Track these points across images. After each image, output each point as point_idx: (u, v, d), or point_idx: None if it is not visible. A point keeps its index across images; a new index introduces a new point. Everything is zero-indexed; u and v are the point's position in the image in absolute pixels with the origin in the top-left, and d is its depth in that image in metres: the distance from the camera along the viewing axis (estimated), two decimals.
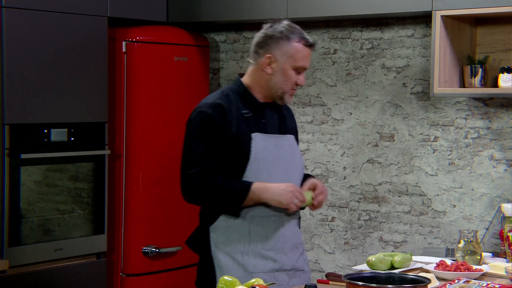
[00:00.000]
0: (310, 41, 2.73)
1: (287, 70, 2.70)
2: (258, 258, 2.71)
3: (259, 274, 2.68)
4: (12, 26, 3.52)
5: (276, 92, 2.73)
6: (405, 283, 2.23)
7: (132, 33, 4.10)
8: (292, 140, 2.82)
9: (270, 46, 2.70)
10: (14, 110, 3.54)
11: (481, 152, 3.70)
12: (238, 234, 2.71)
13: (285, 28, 2.71)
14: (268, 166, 2.71)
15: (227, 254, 2.72)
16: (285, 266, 2.75)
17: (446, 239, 3.79)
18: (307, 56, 2.73)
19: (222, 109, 2.67)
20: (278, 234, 2.73)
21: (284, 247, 2.75)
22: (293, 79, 2.71)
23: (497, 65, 3.54)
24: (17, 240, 3.56)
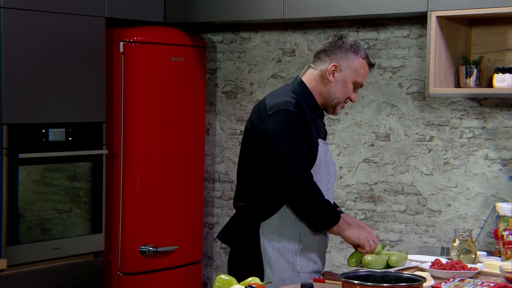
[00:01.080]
0: (372, 62, 2.82)
1: (348, 82, 2.77)
2: (305, 258, 2.77)
3: (304, 274, 2.76)
4: (11, 26, 3.51)
5: (332, 101, 2.78)
6: (401, 282, 2.23)
7: (129, 33, 4.09)
8: (330, 149, 2.93)
9: (337, 56, 2.76)
10: (12, 110, 3.53)
11: (476, 151, 3.71)
12: (290, 233, 2.75)
13: (354, 42, 2.79)
14: (322, 172, 2.78)
15: (277, 251, 2.74)
16: (321, 268, 2.85)
17: (441, 238, 3.79)
18: (367, 75, 2.81)
19: (304, 110, 2.70)
20: (323, 237, 2.82)
21: (322, 249, 2.85)
22: (349, 92, 2.78)
23: (491, 66, 3.55)
24: (15, 239, 3.56)
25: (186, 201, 4.30)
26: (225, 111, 4.49)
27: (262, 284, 2.36)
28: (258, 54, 4.37)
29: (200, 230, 4.34)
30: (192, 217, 4.33)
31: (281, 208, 2.75)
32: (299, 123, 2.66)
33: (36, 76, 3.64)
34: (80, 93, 3.82)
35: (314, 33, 4.18)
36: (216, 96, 4.53)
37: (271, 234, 2.74)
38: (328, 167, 2.83)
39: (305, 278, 2.73)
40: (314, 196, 2.66)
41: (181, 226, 4.28)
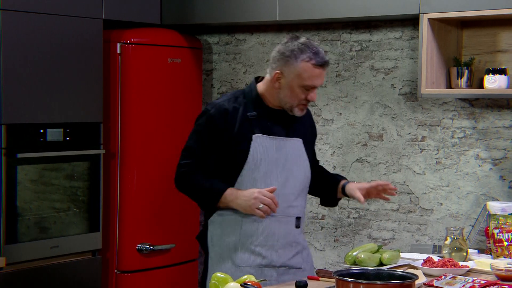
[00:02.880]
0: (321, 61, 2.71)
1: (294, 88, 2.72)
2: (247, 252, 2.74)
3: (246, 268, 2.72)
4: (9, 28, 3.51)
5: (284, 105, 2.77)
6: (393, 279, 2.23)
7: (126, 35, 4.09)
8: (298, 144, 2.83)
9: (280, 63, 2.73)
10: (11, 110, 3.53)
11: (467, 151, 3.71)
12: (231, 228, 2.76)
13: (296, 47, 2.71)
14: (265, 167, 2.75)
15: (219, 246, 2.78)
16: (274, 262, 2.77)
17: (433, 236, 3.80)
18: (317, 76, 2.71)
19: (226, 110, 2.75)
20: (269, 231, 2.76)
21: (274, 244, 2.77)
22: (300, 96, 2.74)
23: (482, 67, 3.56)
24: (14, 237, 3.55)
25: (182, 200, 4.29)
26: None
27: (257, 282, 2.36)
28: (253, 55, 4.37)
29: (196, 229, 4.34)
30: (188, 215, 4.33)
31: None
32: (208, 125, 2.75)
33: (35, 76, 3.63)
34: (78, 94, 3.82)
35: (308, 35, 4.18)
36: (212, 96, 4.53)
37: (216, 229, 2.79)
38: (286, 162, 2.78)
39: (248, 272, 2.69)
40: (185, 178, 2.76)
41: (177, 225, 4.27)
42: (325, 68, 2.74)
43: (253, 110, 2.77)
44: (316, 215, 4.16)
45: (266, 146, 2.75)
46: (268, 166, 2.75)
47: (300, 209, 2.85)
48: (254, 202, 2.69)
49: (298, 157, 2.83)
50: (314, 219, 4.16)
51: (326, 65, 2.74)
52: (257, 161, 2.74)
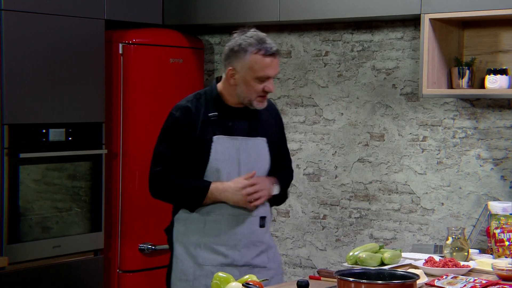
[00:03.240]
0: (270, 51, 2.70)
1: (249, 81, 2.71)
2: (209, 251, 2.76)
3: (208, 267, 2.75)
4: (11, 28, 3.51)
5: (243, 100, 2.76)
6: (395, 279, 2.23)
7: (128, 35, 4.09)
8: (261, 143, 2.82)
9: (231, 59, 2.73)
10: (13, 110, 3.53)
11: (468, 151, 3.71)
12: (195, 226, 2.78)
13: (243, 40, 2.71)
14: (227, 168, 2.75)
15: (183, 244, 2.80)
16: (236, 262, 2.77)
17: (435, 236, 3.79)
18: (268, 66, 2.71)
19: (189, 112, 2.75)
20: (231, 231, 2.77)
21: (237, 244, 2.77)
22: (257, 88, 2.72)
23: (483, 67, 3.55)
24: (16, 237, 3.55)
25: None
26: None
27: (259, 282, 2.36)
28: None
29: None
30: None
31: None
32: (173, 127, 2.77)
33: (37, 77, 3.63)
34: (80, 94, 3.82)
35: (310, 35, 4.18)
36: None
37: (180, 227, 2.82)
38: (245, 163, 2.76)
39: (210, 270, 2.71)
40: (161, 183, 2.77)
41: None
42: (276, 57, 2.73)
43: (214, 110, 2.77)
44: (318, 215, 4.16)
45: (227, 147, 2.75)
46: (230, 167, 2.76)
47: (264, 209, 2.84)
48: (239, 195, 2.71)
49: (260, 156, 2.82)
50: (316, 219, 4.16)
51: (276, 54, 2.73)
52: (218, 163, 2.74)
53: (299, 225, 4.21)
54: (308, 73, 4.19)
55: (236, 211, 2.77)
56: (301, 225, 4.21)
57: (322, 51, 4.14)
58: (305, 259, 4.19)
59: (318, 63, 4.16)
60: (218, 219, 2.76)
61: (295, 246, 4.23)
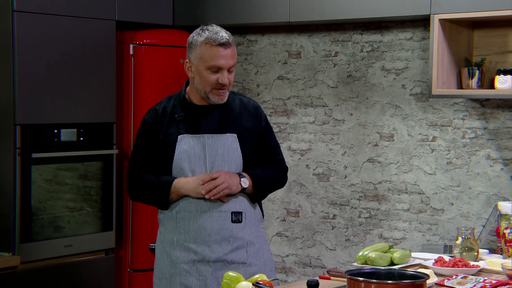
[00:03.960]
0: (219, 40, 2.70)
1: (202, 72, 2.73)
2: (181, 249, 2.78)
3: (181, 264, 2.77)
4: (23, 29, 3.53)
5: (200, 93, 2.78)
6: (405, 279, 2.22)
7: (139, 36, 4.10)
8: (230, 139, 2.79)
9: (188, 52, 2.78)
10: (25, 111, 3.55)
11: (478, 151, 3.70)
12: (170, 226, 2.81)
13: (196, 33, 2.75)
14: (192, 166, 2.76)
15: (161, 243, 2.85)
16: (207, 257, 2.76)
17: (444, 236, 3.79)
18: (217, 55, 2.70)
19: (156, 114, 2.82)
20: (200, 227, 2.76)
21: (206, 239, 2.76)
22: (210, 79, 2.72)
23: (493, 67, 3.54)
24: (28, 236, 3.57)
25: None
26: None
27: (268, 281, 2.36)
28: (265, 56, 4.38)
29: None
30: None
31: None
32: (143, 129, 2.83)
33: (49, 77, 3.65)
34: (91, 94, 3.83)
35: (319, 36, 4.18)
36: None
37: (161, 228, 2.87)
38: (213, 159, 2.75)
39: (183, 268, 2.75)
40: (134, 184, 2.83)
41: None
42: (227, 48, 2.71)
43: (181, 111, 2.80)
44: (327, 214, 4.16)
45: (191, 145, 2.76)
46: (195, 165, 2.76)
47: (236, 204, 2.79)
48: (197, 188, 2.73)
49: (230, 153, 2.79)
50: (325, 218, 4.16)
51: (227, 45, 2.71)
52: (182, 161, 2.76)
53: (309, 225, 4.21)
54: (318, 73, 4.19)
55: (204, 207, 2.76)
56: (311, 225, 4.21)
57: (332, 52, 4.14)
58: (314, 258, 4.19)
59: (328, 63, 4.16)
60: (187, 216, 2.77)
61: (305, 246, 4.23)
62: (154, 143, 2.80)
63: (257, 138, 2.88)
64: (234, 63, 2.75)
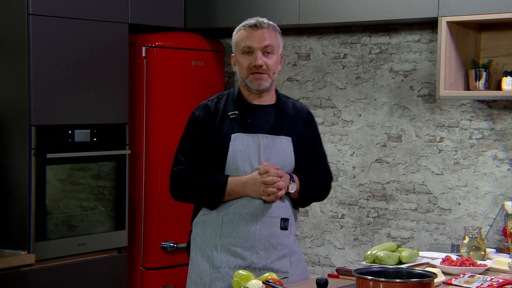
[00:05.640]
0: (248, 24, 2.69)
1: (238, 58, 2.68)
2: (226, 253, 2.63)
3: (225, 269, 2.61)
4: (38, 32, 3.55)
5: (242, 83, 2.69)
6: (413, 278, 2.22)
7: (151, 39, 4.12)
8: (285, 142, 2.68)
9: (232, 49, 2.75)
10: (40, 112, 3.57)
11: (485, 152, 3.69)
12: (212, 228, 2.65)
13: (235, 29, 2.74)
14: (247, 165, 2.63)
15: (199, 247, 2.68)
16: (254, 264, 2.62)
17: (452, 235, 3.78)
18: (247, 36, 2.66)
19: (208, 110, 2.69)
20: (249, 232, 2.62)
21: (254, 245, 2.62)
22: (244, 63, 2.65)
23: (500, 69, 3.53)
24: (43, 235, 3.59)
25: None
26: None
27: (278, 279, 2.36)
28: None
29: None
30: None
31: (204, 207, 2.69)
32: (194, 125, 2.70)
33: (63, 79, 3.67)
34: (105, 96, 3.85)
35: (328, 38, 4.18)
36: None
37: (198, 231, 2.70)
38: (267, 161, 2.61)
39: (226, 272, 2.60)
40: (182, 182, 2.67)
41: None
42: (257, 29, 2.66)
43: (234, 108, 2.68)
44: (336, 214, 4.16)
45: (246, 144, 2.63)
46: (249, 165, 2.63)
47: (285, 210, 2.68)
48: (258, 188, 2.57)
49: (284, 156, 2.67)
50: (334, 218, 4.16)
51: (257, 26, 2.67)
52: (237, 161, 2.62)
53: (318, 224, 4.21)
54: (327, 75, 4.19)
55: (255, 211, 2.62)
56: (320, 224, 4.21)
57: (341, 54, 4.14)
58: (323, 257, 4.19)
59: (337, 65, 4.16)
60: (235, 219, 2.62)
61: (314, 245, 4.23)
62: (205, 139, 2.66)
63: (308, 144, 2.76)
64: (268, 45, 2.65)
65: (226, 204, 2.64)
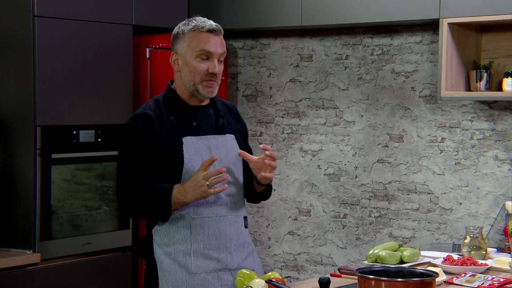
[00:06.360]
0: (207, 27, 2.52)
1: (190, 61, 2.50)
2: (201, 258, 2.50)
3: (202, 274, 2.49)
4: (44, 34, 3.55)
5: (189, 87, 2.53)
6: (414, 277, 2.22)
7: (155, 40, 4.12)
8: (231, 140, 2.59)
9: (173, 45, 2.56)
10: (46, 113, 3.57)
11: (486, 152, 3.69)
12: (180, 234, 2.50)
13: (182, 24, 2.56)
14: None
15: (168, 255, 2.50)
16: (229, 265, 2.52)
17: (453, 235, 3.78)
18: (207, 40, 2.50)
19: (149, 119, 2.50)
20: (220, 233, 2.52)
21: (227, 246, 2.53)
22: (199, 68, 2.50)
23: (501, 70, 3.53)
24: (48, 234, 3.59)
25: None
26: (246, 113, 4.50)
27: (281, 279, 2.37)
28: (277, 59, 4.38)
29: None
30: None
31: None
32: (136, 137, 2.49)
33: (68, 80, 3.67)
34: (109, 97, 3.85)
35: (331, 39, 4.18)
36: (237, 99, 4.55)
37: (162, 239, 2.51)
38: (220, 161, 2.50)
39: (204, 278, 2.48)
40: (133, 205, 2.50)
41: None
42: (216, 35, 2.52)
43: (174, 112, 2.54)
44: (338, 214, 4.16)
45: (197, 147, 2.51)
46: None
47: (244, 208, 2.61)
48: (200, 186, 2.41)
49: (233, 154, 2.58)
50: (336, 217, 4.16)
51: (216, 31, 2.53)
52: (193, 163, 2.48)
53: (320, 224, 4.22)
54: (329, 76, 4.20)
55: (221, 211, 2.53)
56: (322, 224, 4.21)
57: (343, 55, 4.14)
58: (326, 257, 4.20)
59: (339, 66, 4.16)
60: (205, 221, 2.50)
61: (316, 244, 4.23)
62: (152, 149, 2.48)
63: (243, 139, 2.69)
64: (223, 52, 2.54)
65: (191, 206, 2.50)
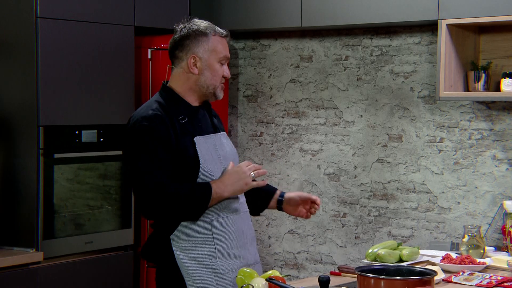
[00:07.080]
0: (224, 32, 2.59)
1: (213, 65, 2.53)
2: (226, 258, 2.52)
3: (229, 273, 2.51)
4: (47, 35, 3.56)
5: (207, 90, 2.54)
6: (413, 275, 2.23)
7: (157, 41, 4.12)
8: (226, 138, 2.65)
9: (190, 47, 2.52)
10: (48, 113, 3.58)
11: (484, 152, 3.69)
12: (202, 238, 2.50)
13: (198, 26, 2.55)
14: (216, 166, 2.53)
15: (194, 260, 2.49)
16: (249, 261, 2.57)
17: (451, 234, 3.78)
18: (226, 46, 2.57)
19: (162, 119, 2.46)
20: (238, 230, 2.55)
21: (245, 242, 2.57)
22: (220, 73, 2.54)
23: (499, 71, 3.54)
24: (50, 233, 3.60)
25: None
26: (246, 113, 4.51)
27: (281, 277, 2.37)
28: (277, 60, 4.39)
29: None
30: None
31: None
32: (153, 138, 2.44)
33: (70, 81, 3.68)
34: (111, 97, 3.86)
35: (330, 40, 4.19)
36: (238, 99, 4.55)
37: (183, 244, 2.49)
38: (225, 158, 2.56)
39: (231, 277, 2.50)
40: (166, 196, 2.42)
41: None
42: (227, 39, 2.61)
43: (179, 113, 2.52)
44: (338, 213, 4.16)
45: (207, 147, 2.53)
46: (217, 165, 2.53)
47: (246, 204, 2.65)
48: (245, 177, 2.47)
49: (232, 151, 2.64)
50: (336, 217, 4.17)
51: (228, 36, 2.61)
52: (208, 164, 2.50)
53: (320, 222, 4.22)
54: (329, 76, 4.20)
55: (235, 207, 2.55)
56: (322, 223, 4.22)
57: (342, 56, 4.15)
58: (325, 255, 4.20)
59: (338, 67, 4.16)
60: (224, 221, 2.52)
61: (316, 243, 4.24)
62: (169, 150, 2.45)
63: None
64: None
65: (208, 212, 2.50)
